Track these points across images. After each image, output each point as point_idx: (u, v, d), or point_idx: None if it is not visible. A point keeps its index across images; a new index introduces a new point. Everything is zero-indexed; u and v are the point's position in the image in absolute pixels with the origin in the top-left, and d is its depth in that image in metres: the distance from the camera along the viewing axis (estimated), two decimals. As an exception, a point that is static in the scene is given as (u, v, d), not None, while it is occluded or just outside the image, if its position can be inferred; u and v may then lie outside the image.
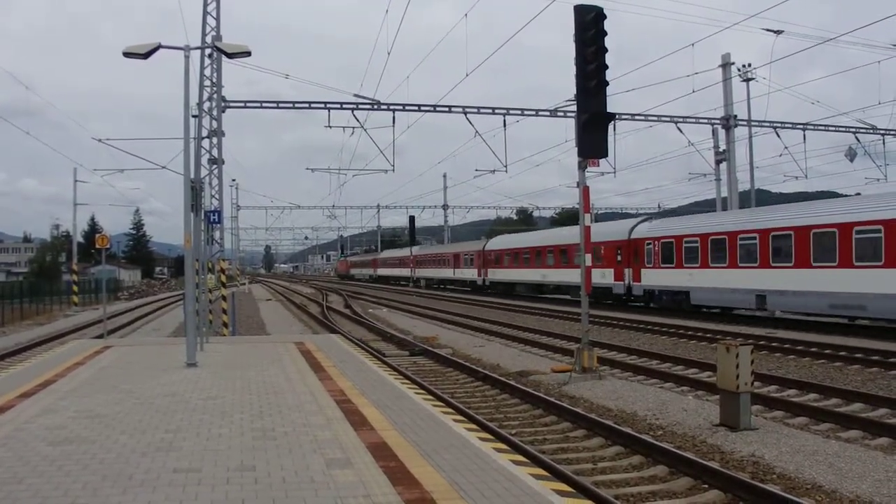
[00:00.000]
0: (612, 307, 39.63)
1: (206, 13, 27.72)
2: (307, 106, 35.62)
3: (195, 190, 18.51)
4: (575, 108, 17.85)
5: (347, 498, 6.68)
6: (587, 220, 17.95)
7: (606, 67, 16.81)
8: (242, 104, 33.91)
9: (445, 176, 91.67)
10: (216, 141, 28.66)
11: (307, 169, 56.58)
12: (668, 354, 21.08)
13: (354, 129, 36.51)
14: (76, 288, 56.25)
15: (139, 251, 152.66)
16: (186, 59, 16.11)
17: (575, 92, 17.27)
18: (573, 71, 16.98)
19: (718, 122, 41.06)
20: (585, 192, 17.95)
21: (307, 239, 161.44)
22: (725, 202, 41.96)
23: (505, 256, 58.86)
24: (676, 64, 35.37)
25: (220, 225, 27.57)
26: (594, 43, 16.68)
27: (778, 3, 24.27)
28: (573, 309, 34.12)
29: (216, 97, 28.59)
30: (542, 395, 14.70)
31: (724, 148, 41.42)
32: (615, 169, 39.52)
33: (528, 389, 15.30)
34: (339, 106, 35.09)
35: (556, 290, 50.62)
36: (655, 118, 40.11)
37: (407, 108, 36.16)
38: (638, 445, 10.67)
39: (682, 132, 40.94)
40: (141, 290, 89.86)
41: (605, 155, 17.67)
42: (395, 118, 35.66)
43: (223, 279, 28.49)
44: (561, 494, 7.05)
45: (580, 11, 16.77)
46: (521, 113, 37.94)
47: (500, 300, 51.58)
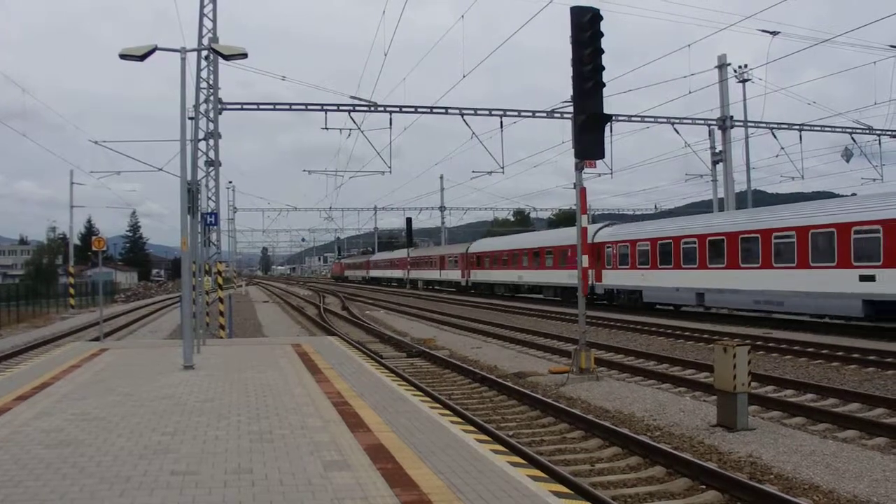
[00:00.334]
0: (605, 308, 40.13)
1: (202, 15, 27.70)
2: (304, 108, 35.65)
3: (192, 192, 18.50)
4: (571, 109, 17.85)
5: (345, 500, 6.68)
6: (584, 221, 17.97)
7: (603, 69, 16.81)
8: (239, 106, 33.93)
9: (442, 177, 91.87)
10: (213, 143, 28.63)
11: (304, 171, 56.61)
12: (665, 355, 21.08)
13: (351, 130, 36.55)
14: (73, 290, 56.19)
15: (136, 253, 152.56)
16: (183, 61, 16.11)
17: (571, 93, 17.28)
18: (570, 72, 16.99)
19: (715, 122, 41.11)
20: (582, 193, 17.96)
21: (304, 241, 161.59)
22: (723, 203, 42.01)
23: (485, 259, 61.85)
24: (673, 65, 35.42)
25: (216, 227, 27.56)
26: (590, 44, 16.68)
27: (773, 4, 24.30)
28: (570, 310, 34.77)
29: (213, 99, 28.57)
30: (539, 396, 14.69)
31: (720, 149, 41.47)
32: (612, 170, 39.57)
33: (525, 391, 15.29)
34: (335, 108, 35.11)
35: (530, 289, 54.52)
36: (652, 119, 40.14)
37: (404, 109, 36.17)
38: (635, 446, 10.67)
39: (678, 133, 41.03)
40: (138, 292, 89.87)
41: (601, 156, 17.67)
42: (391, 120, 35.67)
43: (220, 281, 28.45)
44: (558, 496, 7.05)
45: (576, 13, 16.77)
46: (517, 114, 37.96)
47: (497, 302, 51.55)
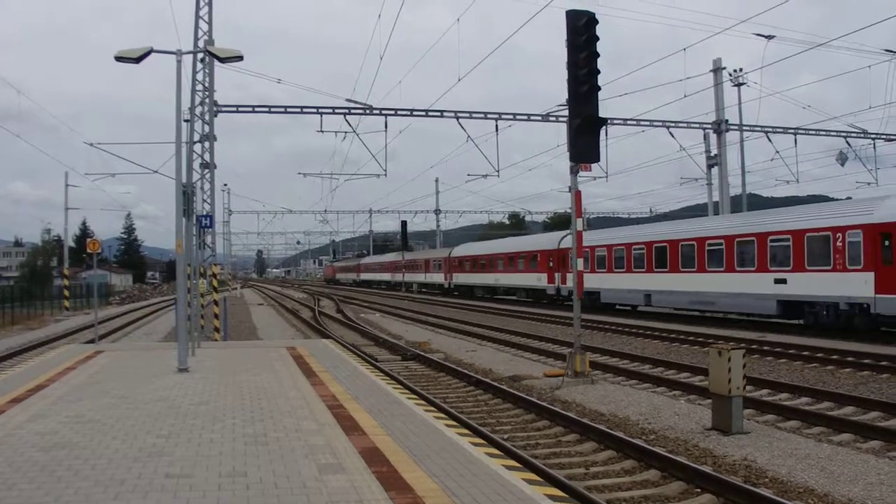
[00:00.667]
0: (598, 311, 40.41)
1: (198, 17, 27.70)
2: (299, 110, 35.61)
3: (187, 194, 18.51)
4: (567, 112, 17.88)
5: (340, 503, 6.67)
6: (579, 224, 17.97)
7: (598, 72, 16.83)
8: (234, 108, 33.90)
9: (437, 180, 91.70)
10: (208, 145, 28.61)
11: (299, 173, 56.64)
12: (660, 359, 21.09)
13: (347, 133, 36.51)
14: (67, 292, 56.06)
15: (131, 256, 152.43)
16: (178, 63, 16.10)
17: (567, 96, 17.31)
18: (565, 75, 17.02)
19: (710, 126, 41.13)
20: (577, 196, 17.96)
21: (299, 243, 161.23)
22: (718, 207, 42.05)
23: (466, 262, 66.28)
24: (668, 69, 35.47)
25: (211, 229, 27.53)
26: (586, 48, 16.71)
27: (769, 7, 24.37)
28: (566, 314, 34.84)
29: (208, 101, 28.55)
30: (534, 399, 14.70)
31: (715, 152, 41.51)
32: (607, 173, 39.65)
33: (520, 394, 15.29)
34: (331, 111, 35.06)
35: (506, 291, 58.46)
36: (647, 123, 40.19)
37: (399, 112, 36.16)
38: (630, 450, 10.68)
39: (674, 137, 41.04)
40: (132, 294, 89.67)
41: (597, 160, 17.70)
42: (387, 123, 35.64)
43: (215, 284, 28.42)
44: (553, 499, 7.05)
45: (572, 16, 16.79)
46: (513, 118, 37.93)
47: (487, 305, 51.58)
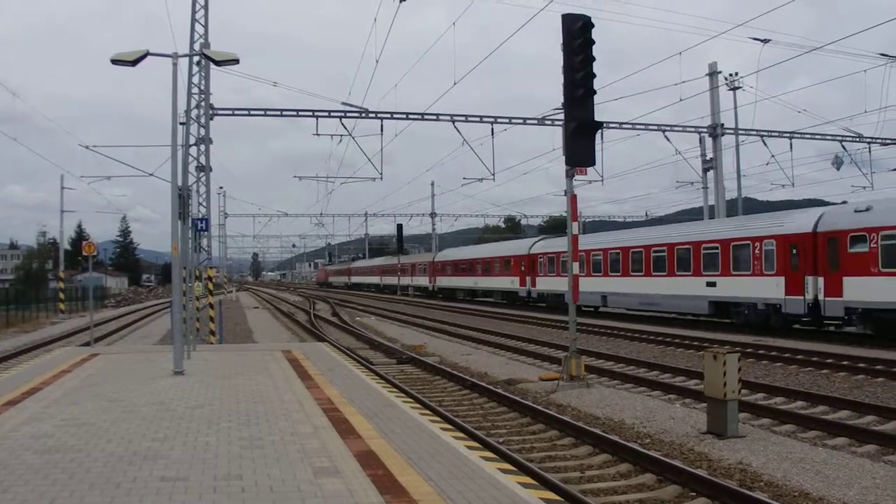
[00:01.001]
0: (592, 315, 41.85)
1: (194, 20, 27.69)
2: (295, 114, 35.55)
3: (182, 197, 18.48)
4: (562, 116, 17.89)
5: (335, 507, 6.67)
6: (575, 228, 17.97)
7: (594, 76, 16.86)
8: (230, 112, 33.87)
9: (433, 184, 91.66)
10: (204, 148, 28.60)
11: (295, 177, 56.64)
12: (655, 362, 21.12)
13: (342, 137, 36.49)
14: (63, 295, 55.96)
15: (126, 258, 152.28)
16: (175, 66, 16.12)
17: (562, 100, 17.32)
18: (561, 79, 17.03)
19: (705, 130, 41.14)
20: (573, 200, 17.98)
21: (295, 247, 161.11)
22: (713, 210, 42.08)
23: (448, 267, 70.60)
24: (664, 72, 35.56)
25: (207, 232, 27.51)
26: (582, 52, 16.73)
27: (764, 12, 24.44)
28: (561, 317, 35.15)
29: (204, 104, 28.54)
30: (529, 403, 14.70)
31: (711, 156, 41.53)
32: (603, 177, 39.69)
33: (515, 398, 15.30)
34: (327, 114, 35.01)
35: (484, 293, 62.42)
36: (643, 126, 40.18)
37: (395, 116, 36.11)
38: (625, 453, 10.68)
39: (669, 141, 41.07)
40: (128, 297, 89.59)
41: (592, 163, 17.72)
42: (382, 126, 35.61)
43: (210, 287, 28.41)
44: (548, 503, 7.05)
45: (568, 20, 16.82)
46: (508, 121, 37.93)
47: (485, 308, 51.72)
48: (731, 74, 41.71)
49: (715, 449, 11.01)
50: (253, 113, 35.87)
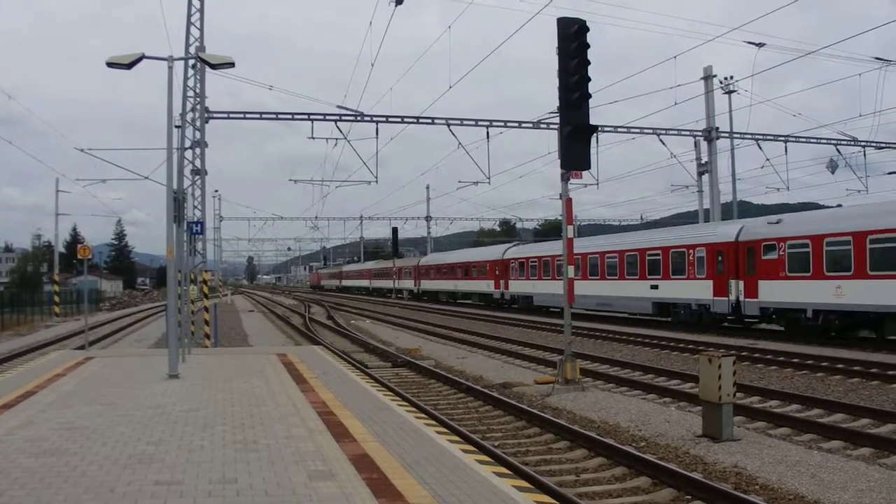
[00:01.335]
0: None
1: (189, 23, 27.70)
2: (290, 117, 35.58)
3: (178, 201, 18.46)
4: (558, 119, 17.90)
5: (330, 510, 6.67)
6: (570, 231, 17.98)
7: (589, 80, 16.85)
8: (226, 115, 33.88)
9: (428, 187, 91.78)
10: (199, 151, 28.58)
11: (290, 180, 56.55)
12: (650, 366, 21.14)
13: (338, 140, 36.58)
14: (58, 298, 55.88)
15: (121, 262, 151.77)
16: (170, 69, 16.09)
17: (558, 104, 17.33)
18: (556, 83, 17.04)
19: (700, 134, 41.25)
20: (568, 203, 17.98)
21: (290, 250, 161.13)
22: (708, 214, 42.14)
23: (431, 271, 74.88)
24: (659, 76, 35.58)
25: (202, 236, 27.49)
26: (577, 55, 16.73)
27: (759, 15, 24.53)
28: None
29: (199, 108, 28.53)
30: (525, 406, 14.69)
31: (706, 160, 41.62)
32: (598, 181, 39.72)
33: (511, 401, 15.29)
34: (322, 117, 35.06)
35: (463, 296, 66.62)
36: (638, 130, 40.28)
37: (390, 119, 36.18)
38: (621, 457, 10.68)
39: (664, 144, 41.17)
40: (123, 300, 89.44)
41: (587, 167, 17.72)
42: (378, 130, 35.68)
43: (205, 290, 28.38)
44: (544, 506, 7.06)
45: (563, 24, 16.83)
46: (504, 125, 38.00)
47: (474, 311, 51.76)
48: (726, 78, 41.96)
49: (710, 452, 11.01)
50: (248, 116, 35.87)
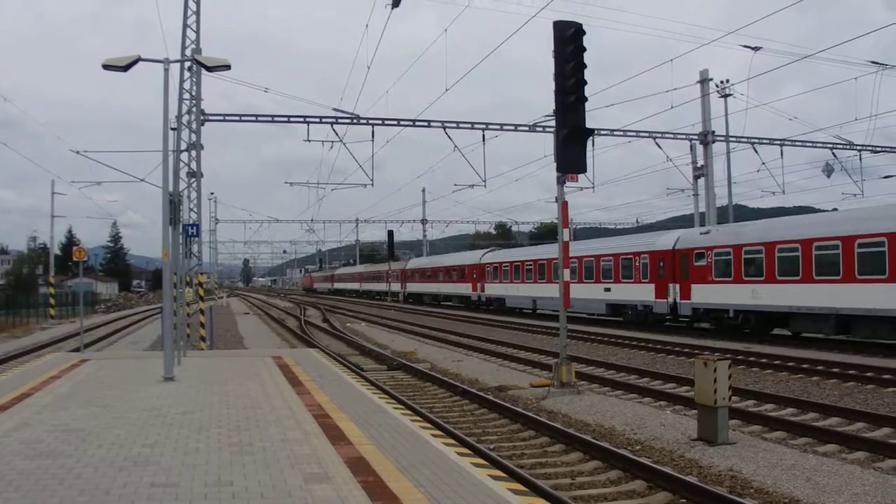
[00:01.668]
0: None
1: (185, 26, 27.66)
2: (286, 120, 35.54)
3: (173, 203, 18.46)
4: (554, 123, 17.92)
5: (326, 513, 6.67)
6: (566, 235, 17.99)
7: (585, 83, 16.89)
8: (221, 117, 33.81)
9: (424, 190, 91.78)
10: (195, 154, 28.56)
11: (286, 183, 56.43)
12: (645, 369, 21.15)
13: (333, 143, 36.46)
14: (53, 301, 55.80)
15: (117, 264, 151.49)
16: (166, 72, 16.08)
17: (554, 107, 17.35)
18: (552, 86, 17.06)
19: (696, 137, 41.23)
20: (564, 207, 18.00)
21: (286, 253, 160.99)
22: (704, 217, 42.17)
23: (416, 274, 78.87)
24: (655, 80, 35.61)
25: (198, 238, 27.44)
26: (573, 59, 16.77)
27: (756, 19, 24.61)
28: (551, 324, 35.72)
29: (195, 110, 28.50)
30: (520, 409, 14.70)
31: (702, 163, 41.61)
32: (594, 184, 39.80)
33: (506, 404, 15.29)
34: (318, 120, 35.02)
35: (445, 298, 70.11)
36: (634, 133, 40.30)
37: (386, 122, 36.15)
38: (616, 460, 10.69)
39: (660, 148, 41.16)
40: (118, 303, 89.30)
41: (583, 170, 17.74)
42: (374, 132, 35.62)
43: (201, 293, 28.34)
44: (539, 509, 7.06)
45: (559, 27, 16.86)
46: (500, 128, 37.98)
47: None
48: (722, 82, 41.94)
49: (705, 456, 11.03)
50: (244, 119, 35.84)
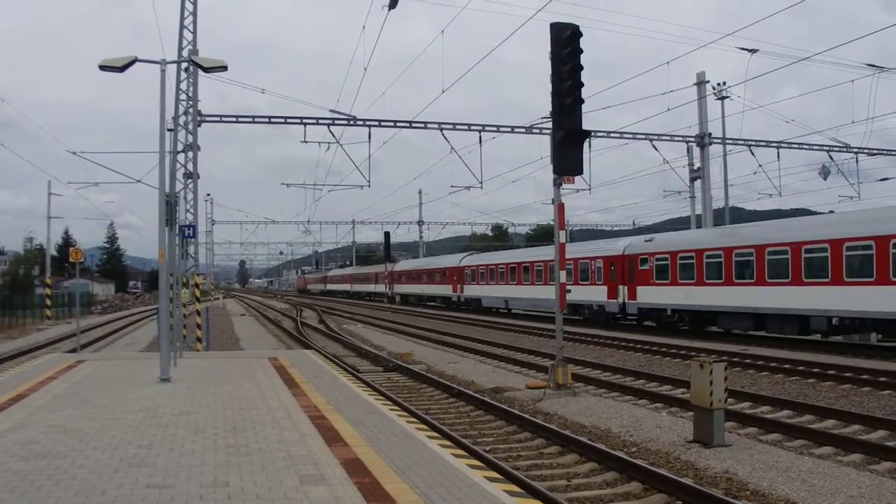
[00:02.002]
0: (579, 324, 41.73)
1: (182, 27, 27.65)
2: (283, 121, 35.54)
3: (170, 204, 18.44)
4: (550, 125, 17.92)
5: (321, 514, 6.66)
6: (562, 236, 18.01)
7: (582, 85, 16.88)
8: (218, 118, 33.78)
9: (421, 192, 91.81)
10: (191, 155, 28.53)
11: (282, 184, 56.44)
12: (642, 371, 21.15)
13: (330, 144, 36.47)
14: (49, 301, 55.72)
15: (113, 265, 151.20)
16: (162, 73, 16.08)
17: (550, 109, 17.35)
18: (549, 87, 17.06)
19: (693, 139, 41.22)
20: (560, 208, 18.01)
21: (282, 254, 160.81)
22: (700, 219, 42.17)
23: (402, 276, 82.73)
24: (652, 82, 35.66)
25: (194, 239, 27.45)
26: (570, 60, 16.76)
27: (752, 22, 24.66)
28: (548, 326, 35.74)
29: (192, 111, 28.48)
30: (516, 411, 14.70)
31: (698, 166, 41.60)
32: (590, 186, 39.79)
33: (502, 406, 15.29)
34: (315, 121, 35.01)
35: (429, 298, 74.13)
36: (631, 135, 40.29)
37: (383, 123, 36.12)
38: (612, 462, 10.69)
39: (657, 150, 41.19)
40: (114, 304, 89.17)
41: (580, 172, 17.75)
42: (370, 134, 35.60)
43: (197, 294, 28.32)
44: (535, 511, 7.06)
45: (556, 29, 16.86)
46: (496, 129, 37.98)
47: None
48: (718, 84, 41.90)
49: (701, 458, 11.03)
50: (241, 120, 35.82)
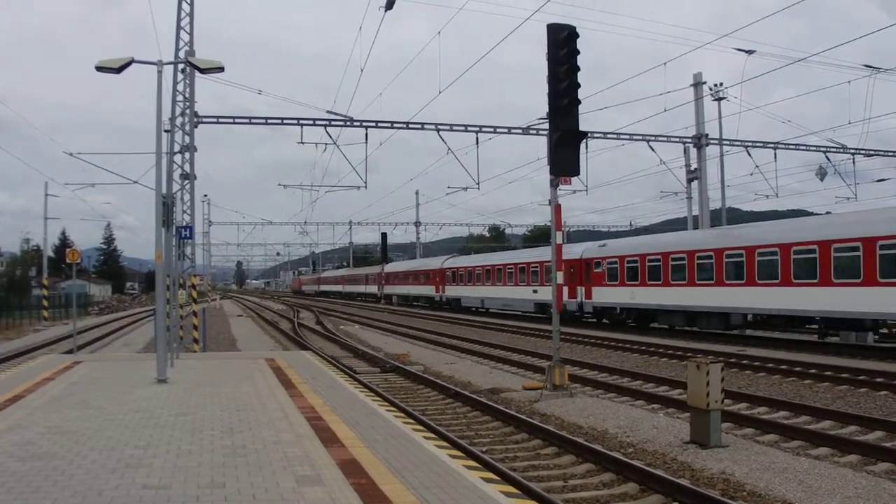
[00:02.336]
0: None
1: (179, 28, 27.65)
2: (280, 122, 35.61)
3: (167, 205, 18.47)
4: (547, 125, 17.94)
5: (318, 515, 6.66)
6: (559, 237, 18.01)
7: (579, 86, 16.89)
8: (215, 119, 33.81)
9: (418, 193, 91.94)
10: (188, 156, 28.53)
11: (279, 185, 56.51)
12: (638, 372, 21.16)
13: (327, 145, 36.53)
14: (46, 302, 55.60)
15: (110, 266, 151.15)
16: (159, 74, 16.07)
17: (547, 110, 17.36)
18: (546, 88, 17.06)
19: (690, 140, 41.29)
20: (557, 209, 18.02)
21: (279, 255, 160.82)
22: (697, 220, 42.21)
23: (392, 277, 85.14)
24: (649, 83, 35.74)
25: (191, 240, 27.44)
26: (567, 61, 16.77)
27: (749, 23, 24.70)
28: (544, 326, 35.76)
29: (189, 112, 28.48)
30: (513, 412, 14.70)
31: (695, 166, 41.65)
32: (587, 187, 39.81)
33: (499, 407, 15.29)
34: (311, 122, 35.06)
35: (415, 299, 76.90)
36: (628, 136, 40.37)
37: (380, 124, 36.18)
38: (609, 463, 10.69)
39: (654, 150, 41.21)
40: (111, 305, 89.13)
41: (577, 173, 17.76)
42: (367, 135, 35.64)
43: (194, 295, 28.31)
44: (532, 511, 7.06)
45: (553, 30, 16.87)
46: (493, 130, 38.04)
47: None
48: (715, 85, 41.90)
49: (698, 458, 11.04)
50: (238, 121, 35.89)
